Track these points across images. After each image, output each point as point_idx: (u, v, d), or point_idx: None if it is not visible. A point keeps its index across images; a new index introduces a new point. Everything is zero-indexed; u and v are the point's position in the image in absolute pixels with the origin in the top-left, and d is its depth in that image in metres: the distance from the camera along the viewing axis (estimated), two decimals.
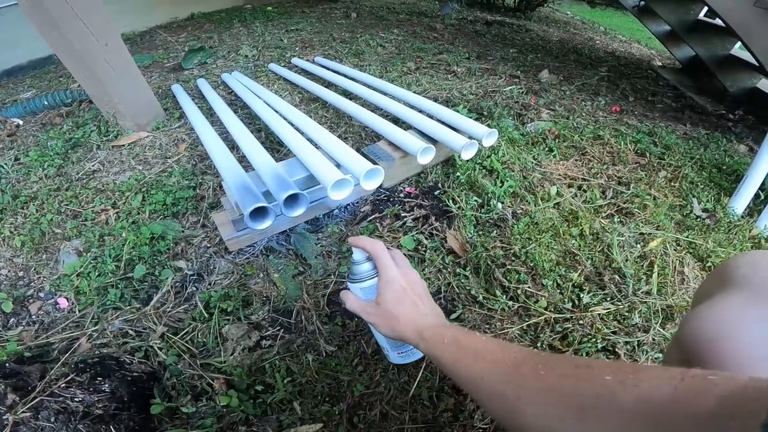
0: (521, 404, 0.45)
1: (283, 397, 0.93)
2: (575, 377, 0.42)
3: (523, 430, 0.45)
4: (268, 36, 3.45)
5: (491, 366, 0.50)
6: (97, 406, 0.83)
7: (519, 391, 0.46)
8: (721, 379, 0.33)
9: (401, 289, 0.66)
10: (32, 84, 2.89)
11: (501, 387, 0.48)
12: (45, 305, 1.18)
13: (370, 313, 0.69)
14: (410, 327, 0.63)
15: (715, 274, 0.55)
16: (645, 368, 0.40)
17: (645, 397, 0.35)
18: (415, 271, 0.72)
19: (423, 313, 0.65)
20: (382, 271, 0.69)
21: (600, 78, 2.67)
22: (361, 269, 0.74)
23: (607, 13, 6.35)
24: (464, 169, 1.52)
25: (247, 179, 1.22)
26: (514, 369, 0.48)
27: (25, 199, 1.54)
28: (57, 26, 1.56)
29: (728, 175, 1.63)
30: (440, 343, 0.58)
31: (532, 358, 0.48)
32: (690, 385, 0.34)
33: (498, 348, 0.53)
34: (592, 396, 0.39)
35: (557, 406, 0.41)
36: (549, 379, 0.44)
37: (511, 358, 0.50)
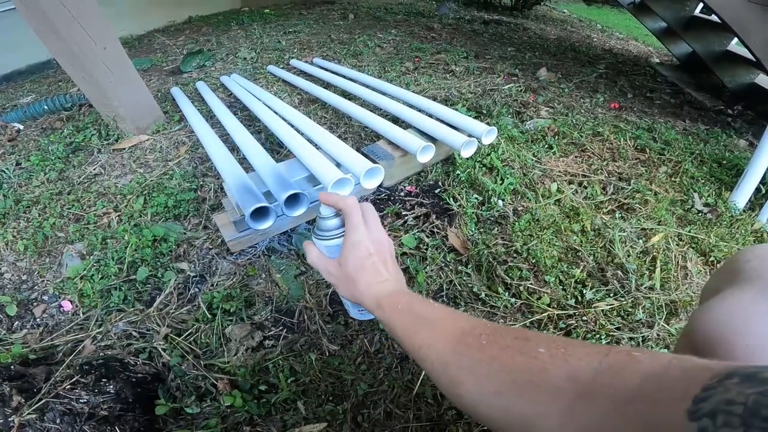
0: (462, 375, 0.44)
1: (287, 397, 0.93)
2: (513, 349, 0.42)
3: (464, 403, 0.44)
4: (266, 38, 3.46)
5: (439, 335, 0.50)
6: (102, 407, 0.83)
7: (461, 360, 0.46)
8: (645, 356, 0.33)
9: (366, 254, 0.63)
10: (32, 89, 2.90)
11: (445, 356, 0.47)
12: (49, 308, 1.19)
13: (331, 273, 0.66)
14: (368, 294, 0.61)
15: (724, 269, 0.55)
16: (576, 343, 0.40)
17: (572, 373, 0.36)
18: (384, 232, 0.68)
19: (383, 279, 0.62)
20: (350, 231, 0.64)
21: (598, 75, 2.68)
22: (328, 225, 0.69)
23: (604, 10, 6.36)
24: (464, 167, 1.53)
25: (248, 180, 1.22)
26: (459, 338, 0.48)
27: (28, 204, 1.54)
28: (55, 31, 1.56)
29: (729, 170, 1.63)
30: (395, 310, 0.57)
31: (478, 329, 0.48)
32: (613, 362, 0.34)
33: (448, 317, 0.53)
34: (526, 370, 0.39)
35: (494, 378, 0.42)
36: (490, 350, 0.44)
37: (459, 327, 0.49)
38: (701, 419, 0.24)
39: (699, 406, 0.24)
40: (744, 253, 0.53)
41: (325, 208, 0.68)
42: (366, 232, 0.64)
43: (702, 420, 0.23)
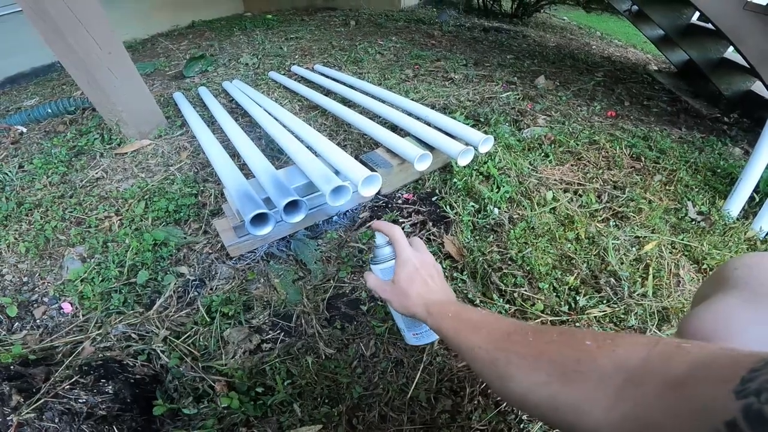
0: (511, 369, 0.47)
1: (283, 399, 0.94)
2: (559, 343, 0.45)
3: (513, 396, 0.47)
4: (268, 44, 3.49)
5: (487, 335, 0.53)
6: (100, 407, 0.84)
7: (509, 356, 0.48)
8: (693, 346, 0.34)
9: (414, 269, 0.71)
10: (35, 91, 2.92)
11: (494, 354, 0.50)
12: (49, 310, 1.20)
13: (385, 290, 0.74)
14: (419, 303, 0.67)
15: (714, 277, 0.57)
16: (623, 335, 0.41)
17: (621, 361, 0.37)
18: (430, 254, 0.77)
19: (432, 291, 0.69)
20: (399, 252, 0.74)
21: (596, 83, 2.70)
22: (382, 252, 0.81)
23: (603, 18, 6.38)
24: (461, 175, 1.54)
25: (248, 186, 1.24)
26: (506, 337, 0.51)
27: (30, 206, 1.56)
28: (61, 34, 1.59)
29: (723, 178, 1.65)
30: (444, 317, 0.62)
31: (522, 328, 0.51)
32: (662, 351, 0.35)
33: (494, 320, 0.57)
34: (574, 360, 0.41)
35: (542, 370, 0.44)
36: (536, 345, 0.47)
37: (504, 327, 0.53)
38: (747, 397, 0.25)
39: (746, 386, 0.26)
40: (733, 262, 0.55)
41: (380, 237, 0.82)
42: (412, 252, 0.74)
43: (748, 398, 0.25)
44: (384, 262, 0.80)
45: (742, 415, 0.25)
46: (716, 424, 0.26)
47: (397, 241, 0.75)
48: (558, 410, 0.41)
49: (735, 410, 0.25)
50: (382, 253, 0.81)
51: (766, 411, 0.24)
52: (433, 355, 1.03)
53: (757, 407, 0.24)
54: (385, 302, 0.85)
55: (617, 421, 0.35)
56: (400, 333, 0.91)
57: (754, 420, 0.24)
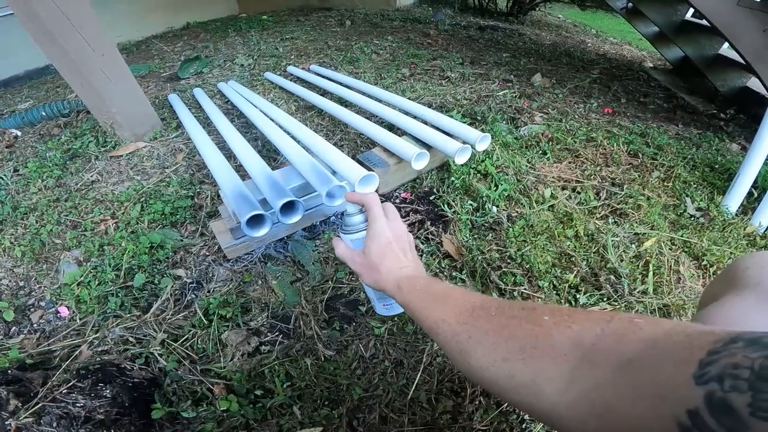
0: (471, 344, 0.46)
1: (282, 402, 0.94)
2: (519, 318, 0.44)
3: (473, 372, 0.46)
4: (264, 45, 3.48)
5: (451, 309, 0.52)
6: (98, 411, 0.84)
7: (471, 331, 0.47)
8: (646, 322, 0.33)
9: (386, 242, 0.68)
10: (29, 94, 2.91)
11: (456, 328, 0.49)
12: (46, 314, 1.19)
13: (356, 262, 0.71)
14: (389, 279, 0.65)
15: (724, 276, 0.56)
16: (580, 311, 0.41)
17: (576, 338, 0.37)
18: (403, 224, 0.73)
19: (403, 265, 0.66)
20: (372, 223, 0.70)
21: (592, 80, 2.70)
22: (353, 221, 0.77)
23: (598, 15, 6.39)
24: (459, 173, 1.54)
25: (244, 188, 1.23)
26: (470, 311, 0.50)
27: (25, 210, 1.55)
28: (53, 37, 1.57)
29: (721, 174, 1.64)
30: (413, 290, 0.60)
31: (488, 303, 0.50)
32: (615, 328, 0.35)
33: (461, 294, 0.55)
34: (532, 336, 0.41)
35: (502, 345, 0.43)
36: (498, 320, 0.46)
37: (470, 302, 0.52)
38: (708, 383, 0.24)
39: (705, 370, 0.25)
40: (743, 261, 0.54)
41: (351, 206, 0.76)
42: (386, 223, 0.70)
43: (709, 384, 0.24)
44: (355, 233, 0.76)
45: (705, 403, 0.24)
46: (677, 413, 0.25)
47: (370, 210, 0.71)
48: (515, 388, 0.40)
49: (697, 398, 0.24)
50: (354, 221, 0.77)
51: (730, 399, 0.23)
52: (434, 355, 1.02)
53: (721, 395, 0.23)
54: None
55: (572, 402, 0.35)
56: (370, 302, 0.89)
57: (718, 409, 0.23)
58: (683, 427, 0.25)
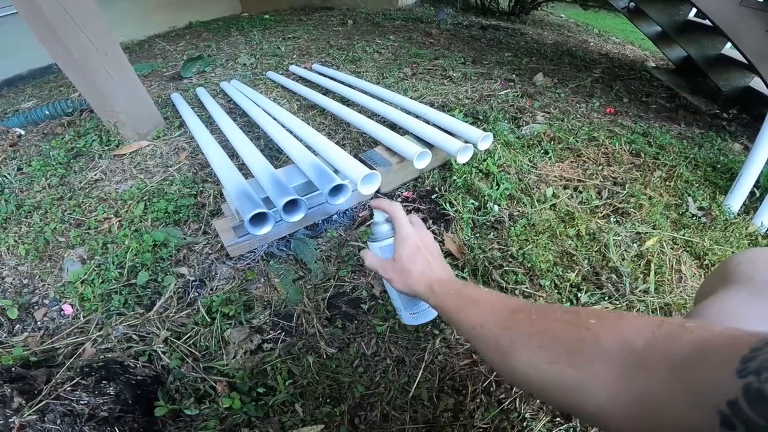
0: (514, 348, 0.46)
1: (284, 399, 0.94)
2: (563, 322, 0.44)
3: (516, 375, 0.46)
4: (266, 44, 3.48)
5: (490, 313, 0.53)
6: (102, 409, 0.84)
7: (513, 335, 0.48)
8: (697, 327, 0.34)
9: (415, 246, 0.70)
10: (33, 93, 2.92)
11: (497, 332, 0.50)
12: (50, 312, 1.20)
13: (386, 269, 0.72)
14: (422, 281, 0.66)
15: (717, 272, 0.57)
16: (628, 315, 0.41)
17: (625, 342, 0.37)
18: (429, 232, 0.76)
19: (433, 269, 0.68)
20: (399, 229, 0.72)
21: (594, 80, 2.69)
22: (381, 230, 0.80)
23: (601, 15, 6.38)
24: (461, 172, 1.54)
25: (247, 186, 1.24)
26: (510, 315, 0.50)
27: (29, 209, 1.56)
28: (57, 36, 1.58)
29: (723, 174, 1.64)
30: (447, 294, 0.61)
31: (527, 307, 0.51)
32: (666, 332, 0.35)
33: (498, 298, 0.56)
34: (578, 339, 0.41)
35: (546, 349, 0.43)
36: (540, 324, 0.46)
37: (508, 305, 0.52)
38: (747, 376, 0.25)
39: (746, 365, 0.26)
40: (735, 257, 0.55)
41: (378, 214, 0.80)
42: (412, 230, 0.72)
43: (749, 377, 0.25)
44: (383, 240, 0.79)
45: (743, 393, 0.25)
46: (719, 404, 0.26)
47: (397, 218, 0.74)
48: (561, 391, 0.41)
49: (736, 389, 0.26)
50: (381, 230, 0.80)
51: (765, 389, 0.24)
52: (435, 353, 1.02)
53: (757, 386, 0.25)
54: (383, 281, 0.84)
55: (622, 404, 0.35)
56: (396, 312, 0.91)
57: (753, 398, 0.25)
58: (723, 415, 0.26)
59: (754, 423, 0.24)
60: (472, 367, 1.00)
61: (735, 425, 0.25)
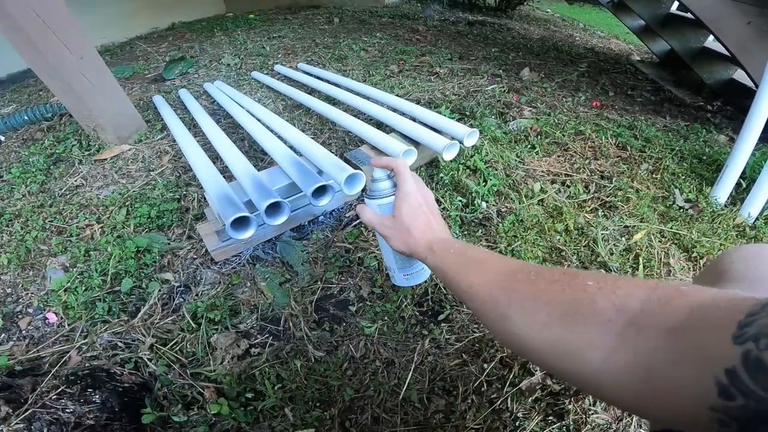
0: (511, 309, 0.46)
1: (274, 404, 0.93)
2: (561, 282, 0.43)
3: (512, 338, 0.45)
4: (250, 44, 3.45)
5: (489, 273, 0.52)
6: (88, 417, 0.83)
7: (510, 295, 0.47)
8: (692, 290, 0.34)
9: (417, 204, 0.68)
10: (12, 98, 2.86)
11: (495, 292, 0.49)
12: (34, 320, 1.18)
13: (386, 226, 0.71)
14: (422, 240, 0.65)
15: (710, 269, 0.57)
16: (624, 278, 0.41)
17: (620, 304, 0.37)
18: (430, 191, 0.74)
19: (434, 228, 0.67)
20: (402, 184, 0.70)
21: (580, 74, 2.70)
22: (381, 186, 0.77)
23: (586, 9, 6.43)
24: (448, 169, 1.53)
25: (229, 189, 1.22)
26: (509, 275, 0.49)
27: (10, 217, 1.52)
28: (30, 41, 1.54)
29: (709, 165, 1.65)
30: (447, 253, 0.60)
31: (527, 267, 0.50)
32: (662, 294, 0.35)
33: (498, 258, 0.55)
34: (574, 301, 0.40)
35: (542, 310, 0.43)
36: (538, 284, 0.45)
37: (508, 266, 0.51)
38: (746, 342, 0.25)
39: (743, 330, 0.25)
40: (729, 255, 0.55)
41: (378, 171, 0.77)
42: (416, 186, 0.71)
43: (747, 343, 0.25)
44: (382, 198, 0.76)
45: (741, 361, 0.25)
46: (716, 372, 0.26)
47: (400, 173, 0.71)
48: (556, 354, 0.40)
49: (734, 357, 0.25)
50: (381, 187, 0.76)
51: (765, 357, 0.23)
52: (425, 354, 1.01)
53: (756, 354, 0.24)
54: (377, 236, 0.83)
55: (618, 367, 0.35)
56: (388, 273, 0.89)
57: (753, 367, 0.24)
58: (721, 385, 0.25)
59: (755, 394, 0.24)
60: (463, 367, 0.99)
61: (733, 395, 0.25)
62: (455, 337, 1.04)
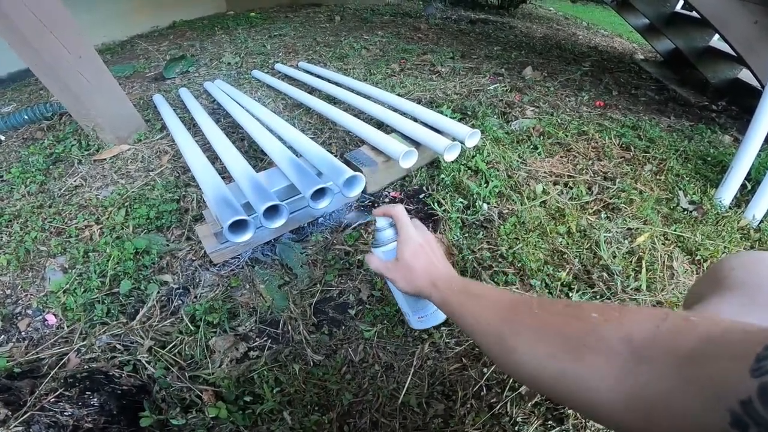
0: (515, 342, 0.46)
1: (272, 408, 0.92)
2: (565, 315, 0.44)
3: (516, 369, 0.46)
4: (251, 42, 3.44)
5: (492, 307, 0.52)
6: (86, 420, 0.83)
7: (514, 328, 0.47)
8: (702, 320, 0.33)
9: (418, 245, 0.71)
10: (13, 97, 2.85)
11: (499, 325, 0.49)
12: (34, 322, 1.17)
13: (390, 269, 0.73)
14: (425, 278, 0.67)
15: (709, 275, 0.56)
16: (631, 308, 0.41)
17: (628, 335, 0.36)
18: (431, 234, 0.76)
19: (436, 267, 0.68)
20: (402, 230, 0.74)
21: (583, 73, 2.68)
22: (384, 234, 0.80)
23: (589, 8, 6.39)
24: (449, 170, 1.52)
25: (227, 191, 1.21)
26: (511, 309, 0.50)
27: (9, 218, 1.52)
28: (27, 40, 1.53)
29: (714, 167, 1.63)
30: (450, 290, 0.62)
31: (529, 300, 0.51)
32: (671, 325, 0.34)
33: (499, 293, 0.56)
34: (580, 333, 0.40)
35: (547, 342, 0.43)
36: (542, 317, 0.46)
37: (510, 300, 0.52)
38: (763, 375, 0.24)
39: (761, 363, 0.25)
40: (728, 261, 0.54)
41: (381, 220, 0.81)
42: (415, 230, 0.73)
43: (764, 376, 0.24)
44: (386, 244, 0.79)
45: (758, 393, 0.24)
46: (730, 403, 0.25)
47: (399, 219, 0.75)
48: (563, 385, 0.40)
49: (750, 389, 0.24)
50: (384, 235, 0.80)
51: None
52: (424, 358, 1.00)
53: None
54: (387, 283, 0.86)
55: (624, 398, 0.34)
56: (404, 318, 0.91)
57: None
58: (735, 415, 0.25)
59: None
60: (462, 371, 0.98)
61: (747, 425, 0.24)
62: (455, 341, 1.03)
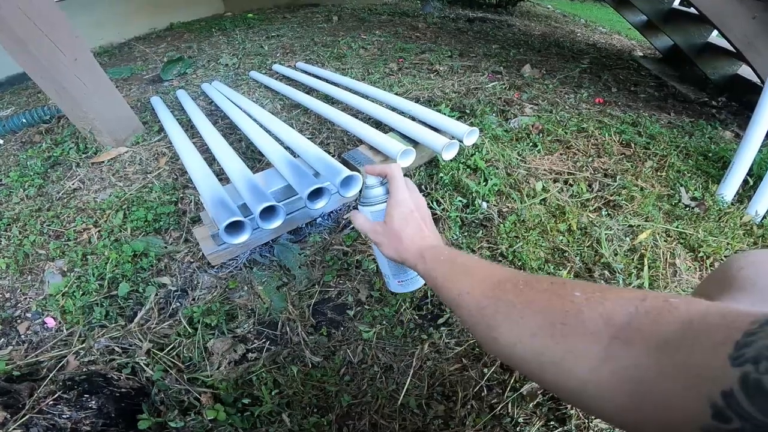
0: (498, 318, 0.45)
1: (271, 410, 0.92)
2: (549, 292, 0.43)
3: (499, 347, 0.45)
4: (249, 43, 3.44)
5: (477, 281, 0.51)
6: (84, 423, 0.83)
7: (498, 304, 0.46)
8: (682, 302, 0.32)
9: (409, 211, 0.67)
10: (11, 101, 2.86)
11: (482, 301, 0.48)
12: (33, 325, 1.17)
13: (377, 232, 0.70)
14: (412, 248, 0.64)
15: (716, 275, 0.55)
16: (613, 289, 0.40)
17: (607, 316, 0.36)
18: (423, 198, 0.73)
19: (426, 235, 0.65)
20: (394, 191, 0.69)
21: (582, 70, 2.67)
22: (374, 193, 0.75)
23: (587, 5, 6.39)
24: (448, 169, 1.51)
25: (223, 193, 1.20)
26: (497, 284, 0.49)
27: (8, 221, 1.52)
28: (22, 44, 1.53)
29: (715, 162, 1.62)
30: (437, 260, 0.59)
31: (515, 276, 0.49)
32: (650, 307, 0.34)
33: (488, 266, 0.54)
34: (561, 311, 0.40)
35: (530, 320, 0.42)
36: (526, 294, 0.45)
37: (497, 274, 0.51)
38: (744, 365, 0.24)
39: (741, 351, 0.24)
40: (737, 260, 0.53)
41: (371, 178, 0.75)
42: (408, 193, 0.69)
43: (745, 365, 0.24)
44: (375, 205, 0.75)
45: (740, 384, 0.24)
46: (711, 393, 0.25)
47: (394, 178, 0.70)
48: (543, 365, 0.40)
49: (731, 379, 0.24)
50: (374, 193, 0.75)
51: (765, 381, 0.23)
52: (423, 359, 1.00)
53: (756, 377, 0.23)
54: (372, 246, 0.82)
55: (603, 381, 0.34)
56: (383, 279, 0.89)
57: (752, 391, 0.23)
58: (717, 408, 0.25)
59: (754, 419, 0.23)
60: (462, 372, 0.97)
61: (730, 418, 0.24)
62: (455, 342, 1.03)
